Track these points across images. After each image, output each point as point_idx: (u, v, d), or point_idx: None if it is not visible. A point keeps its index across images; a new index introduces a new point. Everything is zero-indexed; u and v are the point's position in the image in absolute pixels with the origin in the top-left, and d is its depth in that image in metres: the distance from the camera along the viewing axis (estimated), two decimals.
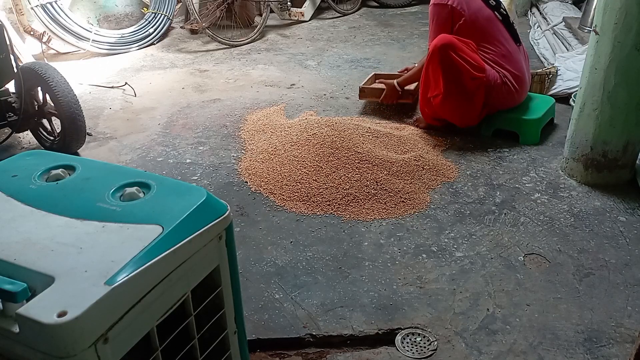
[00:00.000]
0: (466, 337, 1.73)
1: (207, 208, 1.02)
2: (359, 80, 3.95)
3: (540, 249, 2.13)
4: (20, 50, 4.07)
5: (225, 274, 1.08)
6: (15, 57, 2.73)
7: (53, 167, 1.11)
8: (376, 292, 1.93)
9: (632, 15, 2.19)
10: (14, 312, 0.79)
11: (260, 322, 1.80)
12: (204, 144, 3.06)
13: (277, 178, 2.58)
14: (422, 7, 6.01)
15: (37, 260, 0.87)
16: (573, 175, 2.60)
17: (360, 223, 2.31)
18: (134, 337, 0.88)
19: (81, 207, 0.99)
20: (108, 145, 3.11)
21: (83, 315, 0.77)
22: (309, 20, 5.71)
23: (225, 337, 1.13)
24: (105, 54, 4.66)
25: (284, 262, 2.09)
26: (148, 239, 0.91)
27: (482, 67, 2.78)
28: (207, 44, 4.98)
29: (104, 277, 0.83)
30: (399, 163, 2.62)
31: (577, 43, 4.07)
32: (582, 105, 2.48)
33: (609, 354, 1.65)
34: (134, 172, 1.12)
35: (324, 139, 2.71)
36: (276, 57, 4.60)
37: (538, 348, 1.68)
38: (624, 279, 1.96)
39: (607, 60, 2.31)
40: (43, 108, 2.90)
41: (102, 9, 5.10)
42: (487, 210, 2.38)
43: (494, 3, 2.93)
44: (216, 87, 3.96)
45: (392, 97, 3.25)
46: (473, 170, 2.70)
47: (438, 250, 2.14)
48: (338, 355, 1.70)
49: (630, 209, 2.36)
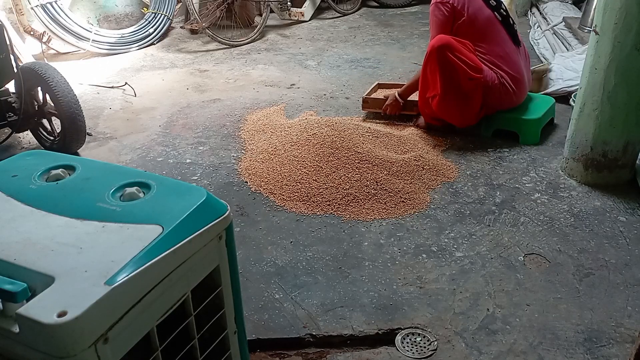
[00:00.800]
0: (466, 337, 1.73)
1: (207, 208, 1.02)
2: (359, 80, 3.96)
3: (540, 249, 2.13)
4: (20, 50, 4.07)
5: (225, 274, 1.08)
6: (15, 57, 2.73)
7: (53, 167, 1.11)
8: (376, 292, 1.93)
9: (632, 15, 2.19)
10: (14, 312, 0.79)
11: (260, 322, 1.80)
12: (204, 144, 3.06)
13: (277, 178, 2.58)
14: (422, 7, 6.02)
15: (37, 260, 0.87)
16: (573, 175, 2.60)
17: (360, 223, 2.31)
18: (134, 337, 0.88)
19: (81, 207, 0.99)
20: (108, 145, 3.11)
21: (83, 315, 0.77)
22: (309, 20, 5.71)
23: (225, 337, 1.13)
24: (105, 54, 4.66)
25: (284, 262, 2.09)
26: (148, 239, 0.91)
27: (479, 68, 2.78)
28: (207, 44, 4.99)
29: (104, 277, 0.83)
30: (399, 163, 2.62)
31: (577, 43, 4.07)
32: (582, 105, 2.48)
33: (609, 354, 1.65)
34: (134, 172, 1.12)
35: (324, 139, 2.71)
36: (276, 57, 4.60)
37: (538, 348, 1.68)
38: (624, 279, 1.96)
39: (607, 60, 2.31)
40: (43, 108, 2.90)
41: (102, 9, 5.10)
42: (487, 210, 2.38)
43: (494, 3, 2.92)
44: (216, 87, 3.96)
45: (394, 109, 3.18)
46: (473, 170, 2.70)
47: (438, 250, 2.14)
48: (338, 355, 1.70)
49: (630, 209, 2.36)
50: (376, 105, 3.26)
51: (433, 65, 2.80)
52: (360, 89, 3.74)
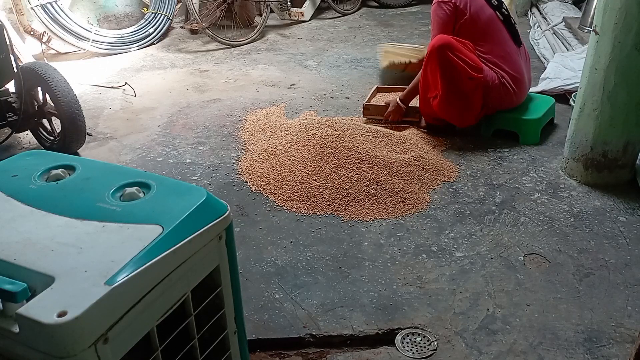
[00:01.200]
0: (466, 337, 1.73)
1: (207, 208, 1.02)
2: (359, 80, 3.96)
3: (540, 249, 2.13)
4: (20, 50, 4.07)
5: (225, 274, 1.08)
6: (15, 57, 2.73)
7: (53, 167, 1.11)
8: (376, 292, 1.93)
9: (632, 15, 2.19)
10: (14, 312, 0.79)
11: (260, 322, 1.80)
12: (204, 144, 3.06)
13: (277, 178, 2.58)
14: (422, 7, 6.01)
15: (37, 260, 0.87)
16: (573, 175, 2.60)
17: (360, 223, 2.31)
18: (134, 337, 0.88)
19: (81, 207, 0.99)
20: (108, 145, 3.11)
21: (83, 315, 0.77)
22: (309, 20, 5.71)
23: (225, 337, 1.13)
24: (105, 54, 4.66)
25: (284, 262, 2.09)
26: (148, 239, 0.91)
27: (479, 67, 2.78)
28: (207, 44, 4.98)
29: (104, 277, 0.83)
30: (399, 163, 2.62)
31: (577, 43, 4.08)
32: (582, 105, 2.48)
33: (609, 354, 1.65)
34: (134, 172, 1.12)
35: (324, 139, 2.71)
36: (276, 57, 4.60)
37: (538, 348, 1.68)
38: (624, 279, 1.96)
39: (607, 60, 2.31)
40: (43, 108, 2.90)
41: (102, 9, 5.10)
42: (487, 210, 2.38)
43: (495, 2, 2.92)
44: (216, 87, 3.96)
45: (396, 115, 3.13)
46: (473, 170, 2.70)
47: (438, 250, 2.14)
48: (338, 355, 1.70)
49: (630, 209, 2.36)
50: (377, 112, 3.21)
51: (433, 65, 2.79)
52: (360, 89, 3.74)
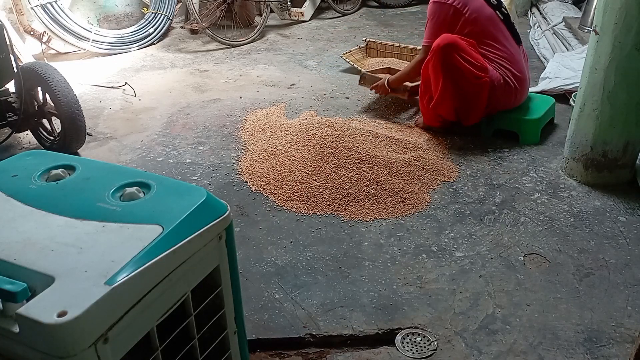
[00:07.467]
0: (466, 337, 1.73)
1: (207, 208, 1.02)
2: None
3: (540, 249, 2.13)
4: (20, 50, 4.07)
5: (225, 274, 1.08)
6: (15, 57, 2.72)
7: (53, 167, 1.11)
8: (376, 292, 1.93)
9: (632, 15, 2.19)
10: (14, 312, 0.79)
11: (260, 322, 1.80)
12: (204, 144, 3.06)
13: (277, 178, 2.58)
14: (422, 7, 6.01)
15: (37, 260, 0.87)
16: (573, 175, 2.60)
17: (360, 223, 2.31)
18: (134, 337, 0.88)
19: (81, 207, 0.99)
20: (108, 145, 3.11)
21: (83, 315, 0.77)
22: (309, 20, 5.70)
23: (225, 337, 1.13)
24: (105, 54, 4.66)
25: (284, 262, 2.09)
26: (148, 239, 0.91)
27: (485, 68, 2.76)
28: (207, 44, 4.98)
29: (104, 277, 0.83)
30: (399, 163, 2.62)
31: (577, 43, 4.07)
32: (582, 105, 2.48)
33: (609, 354, 1.65)
34: (134, 172, 1.12)
35: (324, 139, 2.71)
36: (276, 57, 4.60)
37: (538, 348, 1.68)
38: (624, 279, 1.96)
39: (607, 60, 2.31)
40: (43, 108, 2.90)
41: (102, 9, 5.10)
42: (487, 210, 2.38)
43: (495, 2, 2.91)
44: (216, 87, 3.96)
45: (380, 90, 3.37)
46: (473, 170, 2.70)
47: (438, 250, 2.14)
48: (338, 355, 1.70)
49: (630, 209, 2.36)
50: (371, 82, 3.45)
51: (437, 64, 2.76)
52: (360, 89, 3.74)
